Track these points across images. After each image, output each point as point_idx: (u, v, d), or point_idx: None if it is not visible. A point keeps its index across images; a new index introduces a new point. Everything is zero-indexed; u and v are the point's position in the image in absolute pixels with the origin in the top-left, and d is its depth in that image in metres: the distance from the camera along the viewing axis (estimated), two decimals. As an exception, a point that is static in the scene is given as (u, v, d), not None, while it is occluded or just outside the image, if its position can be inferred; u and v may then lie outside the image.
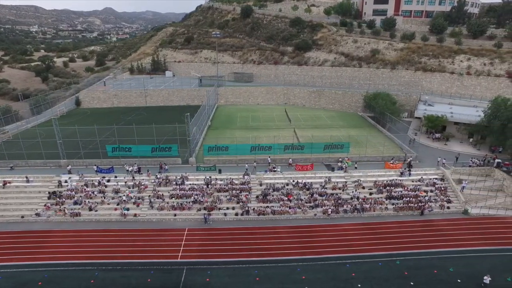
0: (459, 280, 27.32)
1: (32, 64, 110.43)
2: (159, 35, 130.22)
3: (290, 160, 42.62)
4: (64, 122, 60.64)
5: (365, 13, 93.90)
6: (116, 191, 37.93)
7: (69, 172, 40.61)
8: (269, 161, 41.49)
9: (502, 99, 47.21)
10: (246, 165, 41.85)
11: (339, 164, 42.08)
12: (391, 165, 40.80)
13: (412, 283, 27.00)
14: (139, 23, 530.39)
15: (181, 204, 36.38)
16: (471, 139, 50.94)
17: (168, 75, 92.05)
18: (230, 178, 39.27)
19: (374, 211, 36.30)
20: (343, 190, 38.26)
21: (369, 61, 74.09)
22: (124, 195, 37.26)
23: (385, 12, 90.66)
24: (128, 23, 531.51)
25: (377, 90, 64.92)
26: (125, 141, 45.44)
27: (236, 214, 35.81)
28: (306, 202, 36.80)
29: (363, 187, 38.86)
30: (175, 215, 35.72)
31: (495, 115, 46.28)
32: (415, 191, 38.20)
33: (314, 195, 37.31)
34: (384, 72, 70.81)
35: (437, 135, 51.80)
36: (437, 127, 51.66)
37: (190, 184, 38.83)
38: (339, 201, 36.71)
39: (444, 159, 42.90)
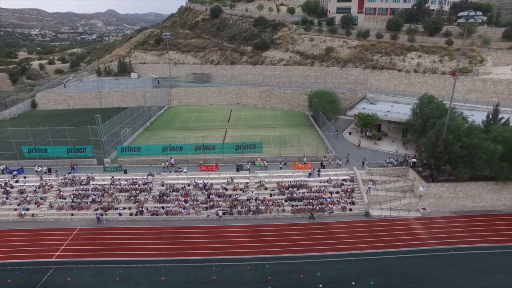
0: (320, 285, 26.54)
1: (10, 66, 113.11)
2: (138, 37, 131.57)
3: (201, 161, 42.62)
4: (12, 123, 62.09)
5: (329, 11, 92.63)
6: (21, 192, 38.59)
7: (2, 172, 41.53)
8: (172, 162, 41.60)
9: (427, 97, 46.04)
10: (163, 164, 42.21)
11: (249, 164, 41.70)
12: (300, 165, 40.21)
13: (269, 288, 26.64)
14: (141, 24, 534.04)
15: (80, 204, 36.77)
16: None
17: (133, 76, 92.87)
18: (134, 178, 39.48)
19: (270, 213, 35.85)
20: (243, 191, 37.93)
21: (323, 59, 73.15)
22: (27, 196, 37.90)
23: (349, 9, 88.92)
24: (130, 24, 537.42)
25: (325, 89, 63.97)
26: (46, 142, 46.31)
27: (131, 214, 35.94)
28: (202, 203, 36.69)
29: (266, 188, 38.41)
30: (72, 214, 36.07)
31: (420, 114, 45.24)
32: (319, 193, 37.60)
33: (211, 196, 37.12)
34: (334, 70, 69.77)
35: (369, 134, 50.80)
36: (368, 126, 50.57)
37: (95, 184, 39.18)
38: (234, 202, 36.43)
39: (340, 160, 42.45)
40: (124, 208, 36.38)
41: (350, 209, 36.11)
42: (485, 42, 69.72)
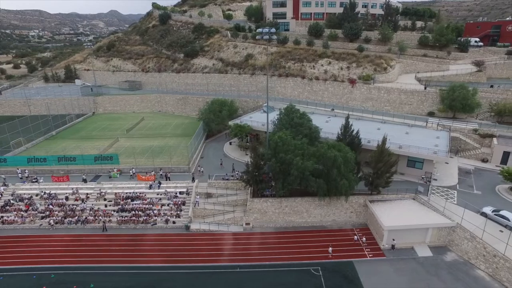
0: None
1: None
2: (102, 42, 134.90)
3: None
4: None
5: (266, 16, 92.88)
6: None
7: None
8: (26, 173, 43.90)
9: (290, 106, 46.52)
10: (19, 174, 44.71)
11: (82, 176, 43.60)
12: (143, 177, 41.78)
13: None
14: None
15: None
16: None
17: (78, 83, 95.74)
18: (-12, 188, 42.06)
19: (98, 223, 37.69)
20: (83, 201, 39.87)
21: (241, 66, 73.94)
22: None
23: (284, 15, 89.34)
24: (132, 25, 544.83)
25: (234, 96, 65.23)
26: None
27: (-30, 224, 38.51)
28: (40, 213, 38.87)
29: (105, 199, 40.24)
30: None
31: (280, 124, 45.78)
32: (150, 204, 39.11)
33: (50, 205, 39.26)
34: (245, 77, 70.55)
35: (236, 143, 51.65)
36: (240, 135, 51.07)
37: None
38: (69, 212, 38.45)
39: (160, 171, 43.78)
40: (-33, 218, 39.03)
41: (174, 222, 37.48)
42: (401, 49, 69.03)
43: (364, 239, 33.71)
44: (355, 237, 33.98)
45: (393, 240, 32.64)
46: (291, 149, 35.84)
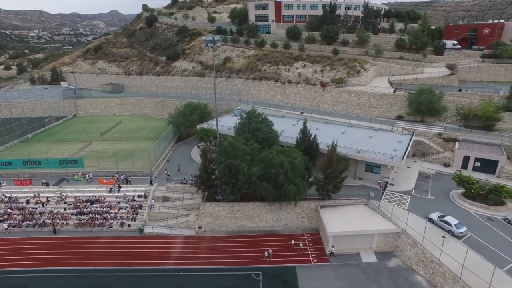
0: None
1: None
2: (93, 43, 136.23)
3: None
4: None
5: (249, 19, 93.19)
6: None
7: None
8: None
9: (252, 111, 46.94)
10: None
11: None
12: (104, 181, 42.52)
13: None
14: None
15: None
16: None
17: (63, 85, 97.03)
18: (-46, 192, 43.09)
19: (55, 226, 38.50)
20: (43, 205, 40.70)
21: (219, 69, 74.42)
22: None
23: (266, 17, 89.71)
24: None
25: (209, 100, 65.78)
26: None
27: None
28: (-1, 216, 39.83)
29: (65, 202, 41.02)
30: None
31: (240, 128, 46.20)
32: (107, 208, 39.85)
33: (8, 209, 40.15)
34: (221, 81, 71.03)
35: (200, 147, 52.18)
36: (206, 139, 51.57)
37: None
38: (27, 215, 39.29)
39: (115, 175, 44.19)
40: None
41: (129, 225, 38.17)
42: (377, 52, 69.04)
43: (301, 244, 34.05)
44: (292, 241, 34.37)
45: (332, 247, 32.98)
46: (240, 155, 36.37)
